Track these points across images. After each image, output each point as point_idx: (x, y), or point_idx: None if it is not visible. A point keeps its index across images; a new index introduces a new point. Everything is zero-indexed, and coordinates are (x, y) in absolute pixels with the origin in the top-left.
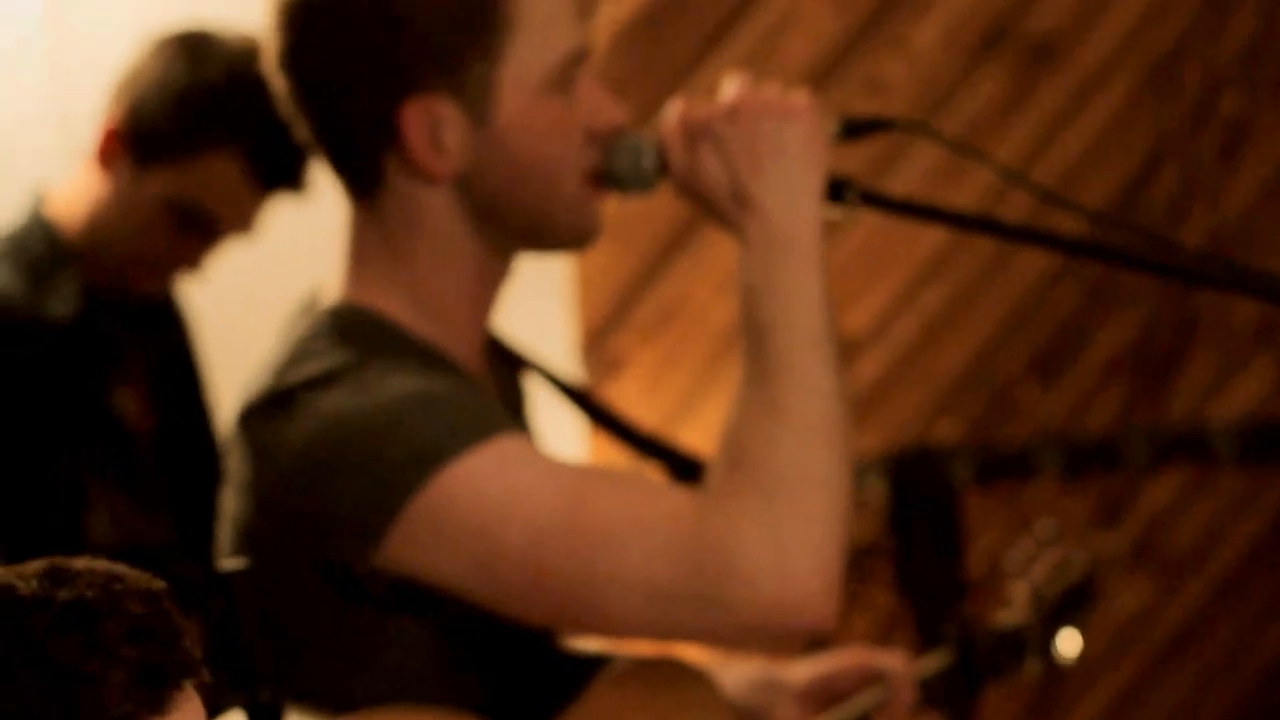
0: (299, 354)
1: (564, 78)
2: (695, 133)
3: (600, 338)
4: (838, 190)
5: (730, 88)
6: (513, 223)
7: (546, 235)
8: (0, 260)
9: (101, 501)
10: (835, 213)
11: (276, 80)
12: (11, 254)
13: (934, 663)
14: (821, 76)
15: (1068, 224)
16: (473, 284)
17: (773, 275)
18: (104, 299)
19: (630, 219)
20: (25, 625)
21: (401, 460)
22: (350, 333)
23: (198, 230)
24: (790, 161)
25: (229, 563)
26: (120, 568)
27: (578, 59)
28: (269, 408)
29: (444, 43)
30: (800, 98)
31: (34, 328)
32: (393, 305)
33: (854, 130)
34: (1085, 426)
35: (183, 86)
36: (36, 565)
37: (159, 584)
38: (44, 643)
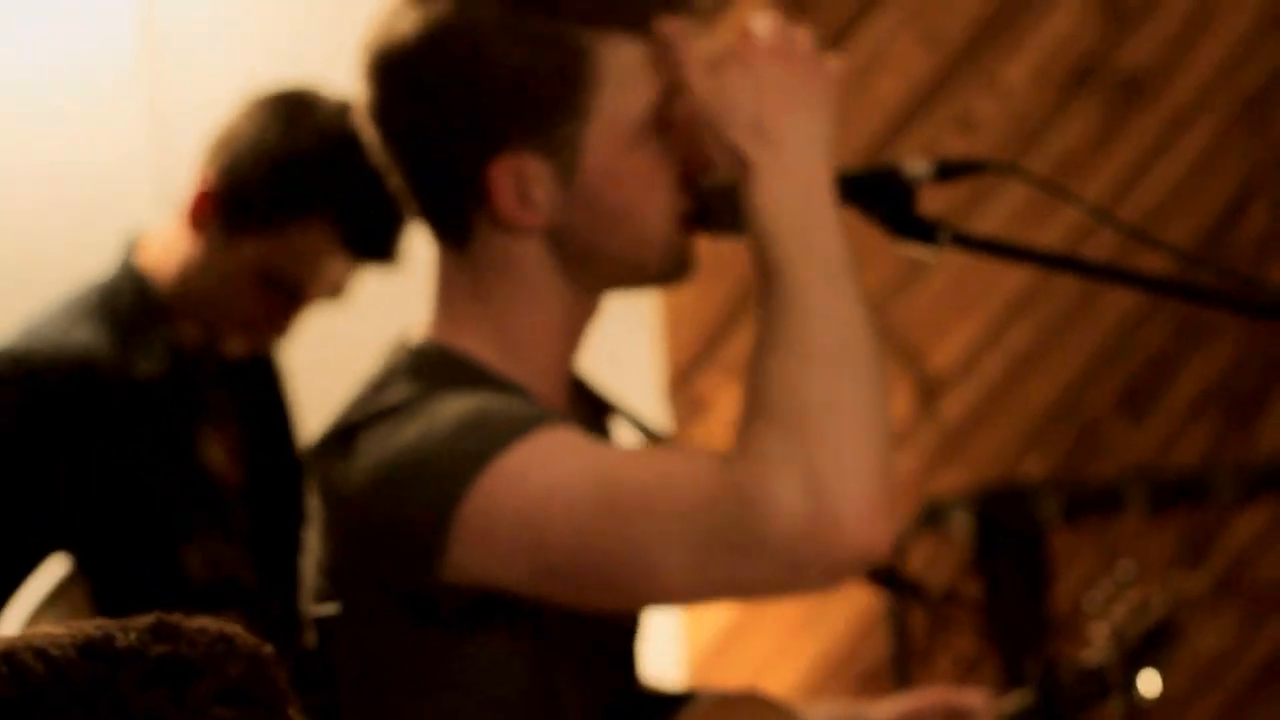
0: (371, 391)
1: (653, 124)
2: (729, 58)
3: (687, 377)
4: (930, 231)
5: (763, 26)
6: (603, 269)
7: (638, 277)
8: (91, 314)
9: (197, 549)
10: (927, 253)
11: (367, 130)
12: (101, 306)
13: (1016, 702)
14: (911, 114)
15: (1155, 261)
16: (559, 325)
17: (788, 212)
18: (192, 353)
19: (718, 258)
20: (116, 678)
21: (449, 468)
22: (427, 370)
23: (285, 296)
24: (822, 117)
25: (322, 608)
26: (233, 628)
27: (666, 102)
28: (334, 445)
29: (530, 102)
30: (836, 66)
31: (123, 384)
32: (475, 344)
33: (947, 173)
34: (1172, 462)
35: (277, 155)
36: (144, 619)
37: (268, 648)
38: (129, 696)
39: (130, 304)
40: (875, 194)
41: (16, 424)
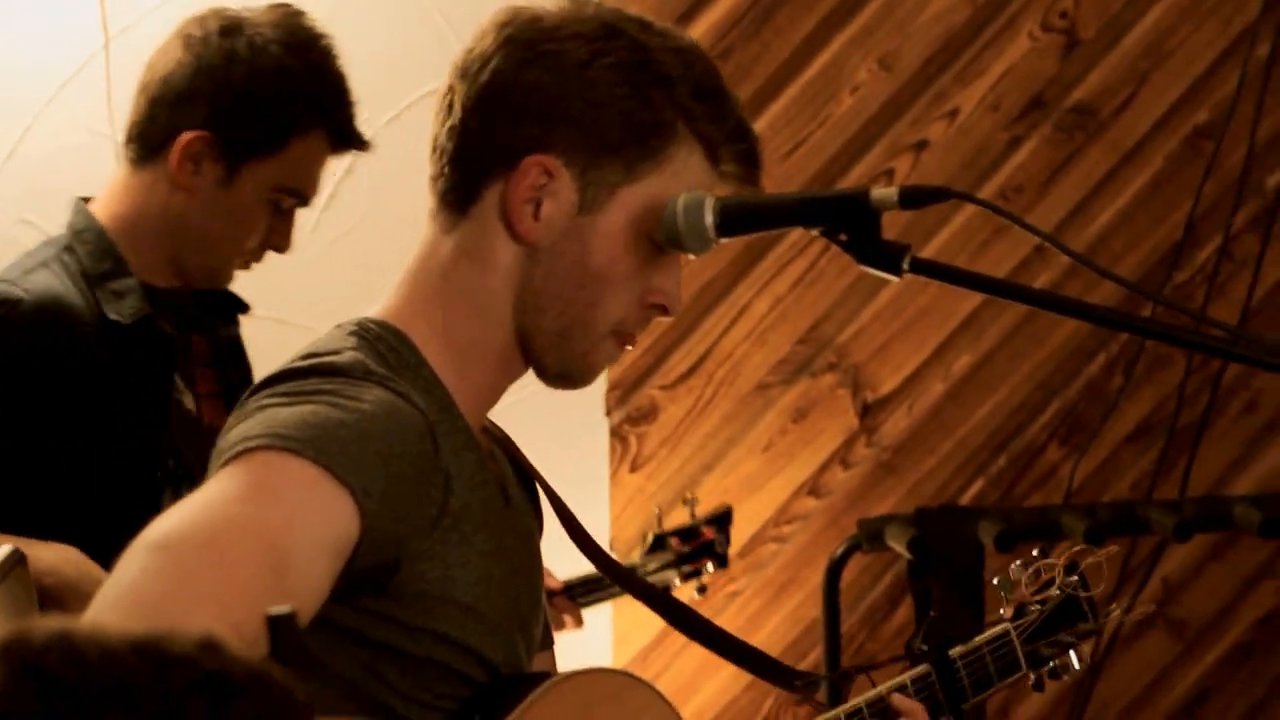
0: (311, 345)
1: (660, 241)
2: None
3: (631, 388)
4: (894, 256)
5: None
6: (544, 318)
7: (558, 351)
8: (51, 265)
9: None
10: (888, 278)
11: (450, 78)
12: (62, 259)
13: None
14: (867, 139)
15: (1102, 292)
16: (497, 351)
17: None
18: (163, 300)
19: None
20: (166, 678)
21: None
22: (370, 339)
23: (290, 210)
24: None
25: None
26: (271, 665)
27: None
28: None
29: (604, 130)
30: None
31: (96, 324)
32: (422, 333)
33: (912, 200)
34: (1109, 493)
35: (262, 82)
36: (194, 635)
37: (301, 690)
38: (175, 698)
39: (94, 255)
40: (841, 218)
41: None
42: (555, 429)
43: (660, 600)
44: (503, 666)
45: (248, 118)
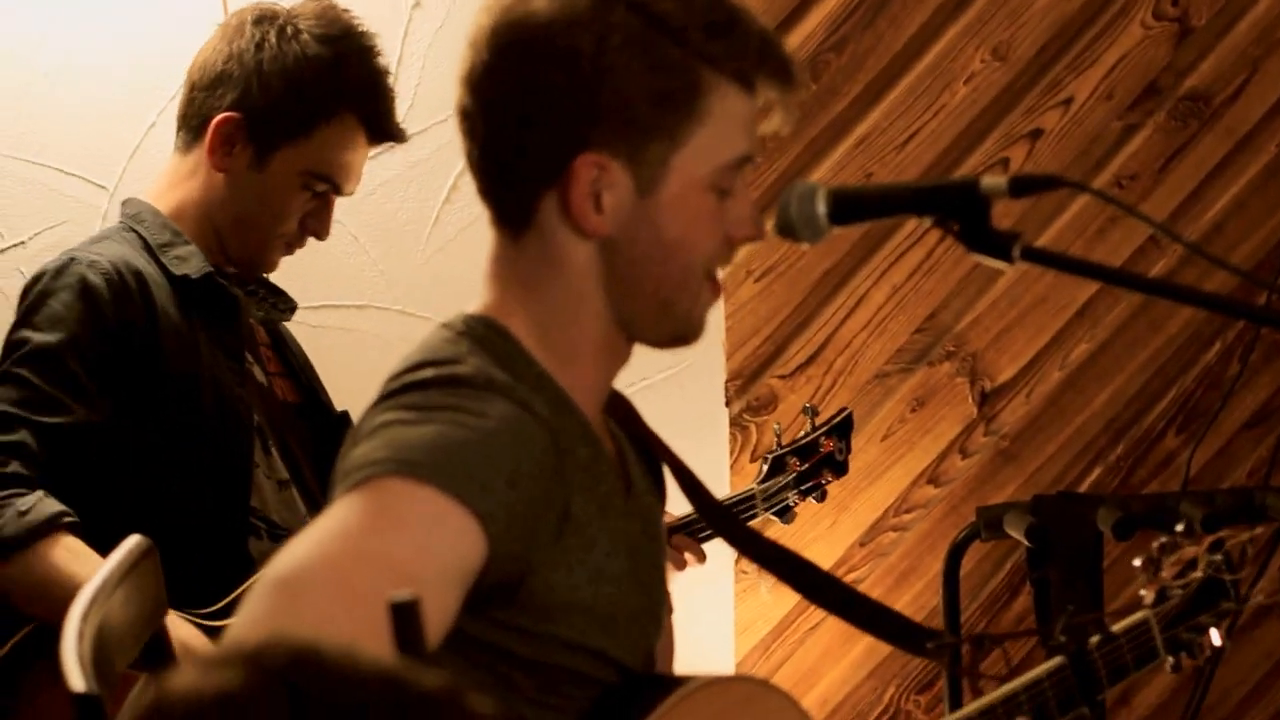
0: (426, 350)
1: (728, 179)
2: None
3: (751, 378)
4: (1004, 244)
5: None
6: (640, 298)
7: (664, 320)
8: (115, 238)
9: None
10: (1000, 266)
11: (458, 94)
12: (129, 239)
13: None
14: (983, 128)
15: (1217, 280)
16: (598, 343)
17: None
18: (225, 276)
19: (782, 261)
20: (404, 714)
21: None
22: (476, 336)
23: (325, 196)
24: None
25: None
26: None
27: (744, 165)
28: (368, 410)
29: (638, 113)
30: None
31: (168, 282)
32: (523, 331)
33: (1022, 188)
34: (1226, 482)
35: (292, 66)
36: (445, 677)
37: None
38: None
39: (153, 229)
40: (951, 207)
41: (76, 323)
42: (676, 419)
43: (784, 562)
44: (632, 662)
45: (274, 101)
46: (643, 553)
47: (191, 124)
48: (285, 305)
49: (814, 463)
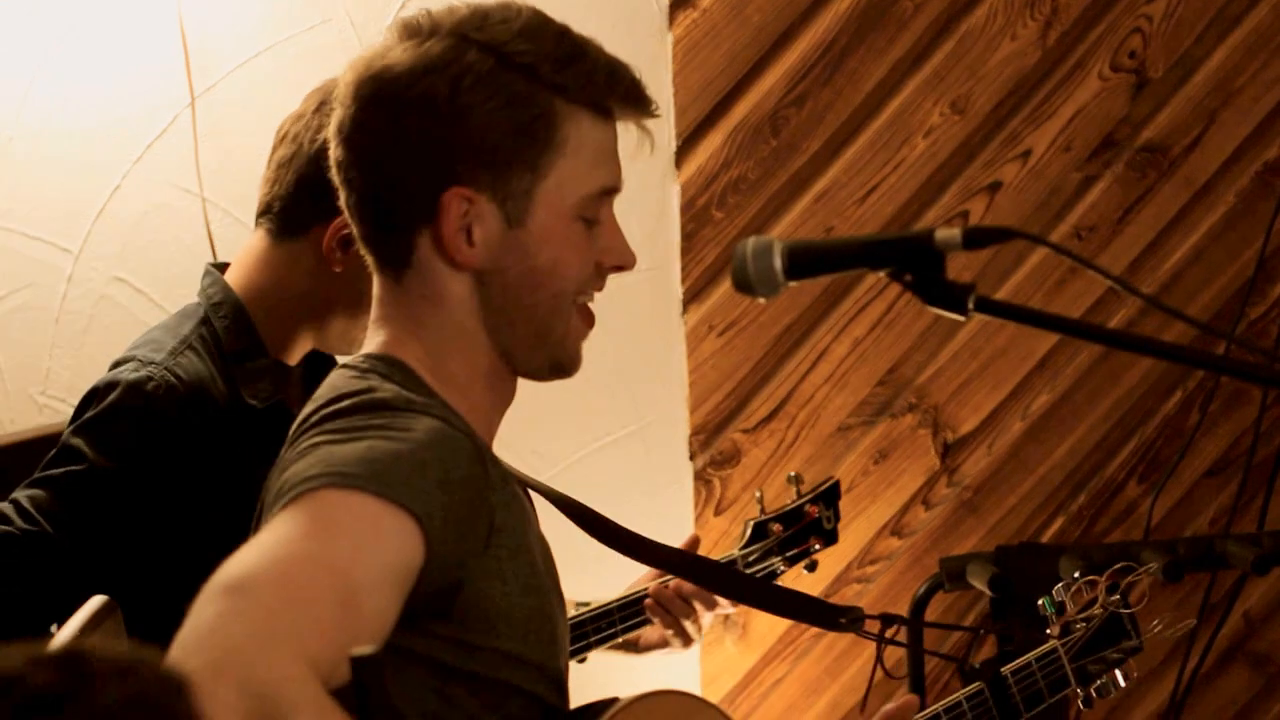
0: (336, 388)
1: (593, 208)
2: None
3: (714, 432)
4: (959, 297)
5: None
6: (515, 325)
7: (541, 350)
8: (193, 341)
9: None
10: (955, 318)
11: (331, 148)
12: (206, 339)
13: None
14: (940, 181)
15: (1175, 330)
16: (485, 372)
17: None
18: (289, 383)
19: (744, 316)
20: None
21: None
22: (381, 370)
23: None
24: None
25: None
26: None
27: (609, 194)
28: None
29: (498, 146)
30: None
31: (232, 410)
32: (417, 363)
33: (976, 241)
34: (1186, 530)
35: None
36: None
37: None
38: None
39: (231, 334)
40: (906, 260)
41: (135, 454)
42: (639, 474)
43: (682, 562)
44: (562, 680)
45: None
46: (550, 570)
47: (297, 220)
48: None
49: (799, 529)
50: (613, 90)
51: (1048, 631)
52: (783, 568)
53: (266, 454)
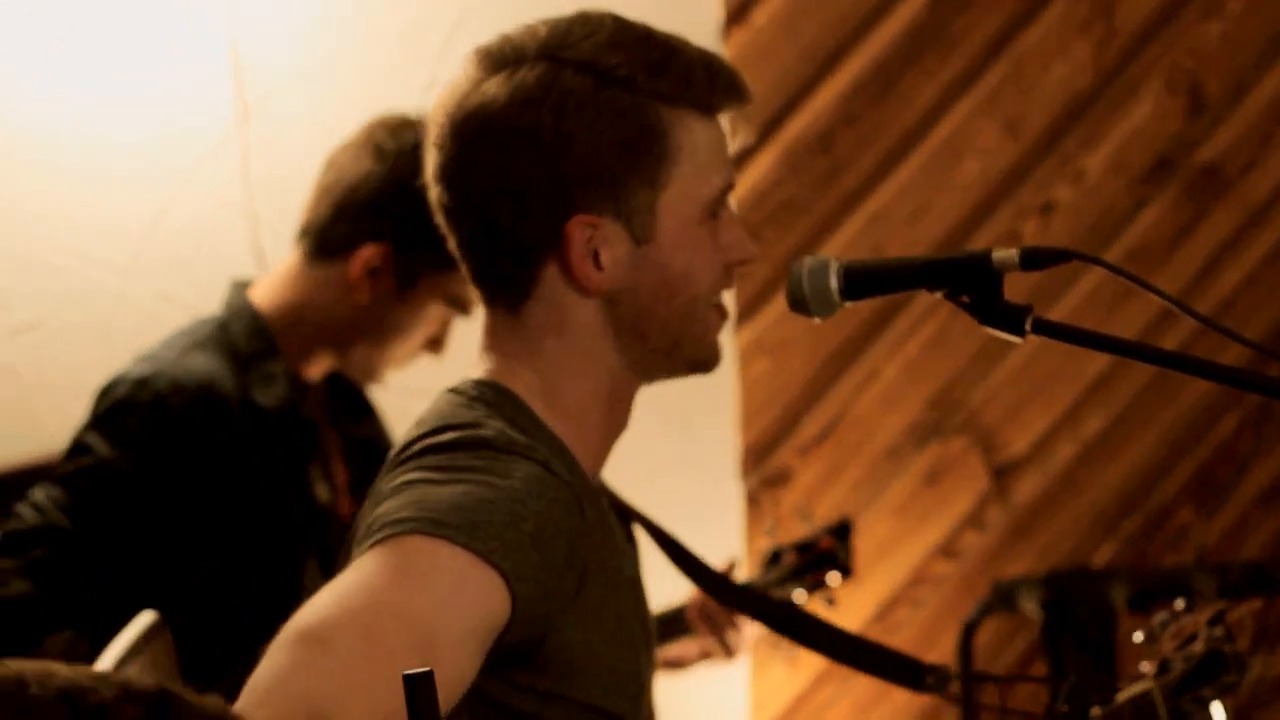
0: (442, 415)
1: (714, 209)
2: None
3: (764, 452)
4: (1016, 318)
5: None
6: (653, 339)
7: (678, 355)
8: (208, 345)
9: (310, 585)
10: (1011, 339)
11: (433, 191)
12: (218, 339)
13: None
14: (993, 201)
15: (1230, 352)
16: (606, 396)
17: None
18: (306, 391)
19: (794, 336)
20: None
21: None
22: (488, 399)
23: (448, 318)
24: None
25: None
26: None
27: (726, 193)
28: (386, 471)
29: (611, 167)
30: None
31: (244, 411)
32: (527, 393)
33: (1033, 262)
34: (1241, 554)
35: None
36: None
37: None
38: None
39: (247, 338)
40: (963, 280)
41: (144, 447)
42: (691, 493)
43: (776, 612)
44: None
45: (433, 235)
46: (640, 614)
47: (330, 245)
48: (356, 415)
49: (813, 559)
50: (714, 87)
51: (1141, 666)
52: (805, 596)
53: (276, 455)
